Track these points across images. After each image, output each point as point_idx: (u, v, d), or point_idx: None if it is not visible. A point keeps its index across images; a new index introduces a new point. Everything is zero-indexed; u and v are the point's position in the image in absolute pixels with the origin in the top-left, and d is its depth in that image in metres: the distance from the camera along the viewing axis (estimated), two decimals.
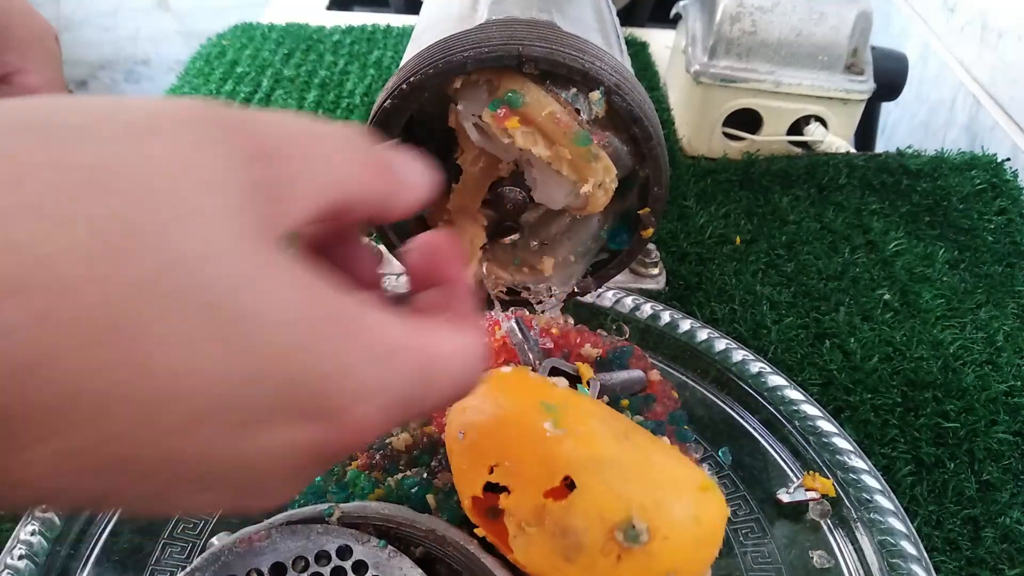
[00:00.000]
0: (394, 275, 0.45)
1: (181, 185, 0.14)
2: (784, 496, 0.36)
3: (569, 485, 0.27)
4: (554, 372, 0.39)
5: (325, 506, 0.31)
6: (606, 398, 0.38)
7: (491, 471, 0.28)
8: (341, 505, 0.31)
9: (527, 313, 0.39)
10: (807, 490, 0.37)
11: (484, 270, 0.35)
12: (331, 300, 0.16)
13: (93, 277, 0.13)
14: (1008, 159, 0.64)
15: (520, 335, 0.38)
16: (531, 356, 0.39)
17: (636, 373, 0.40)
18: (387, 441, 0.38)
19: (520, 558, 0.27)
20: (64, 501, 0.14)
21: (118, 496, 0.15)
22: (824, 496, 0.36)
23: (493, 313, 0.37)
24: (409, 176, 0.19)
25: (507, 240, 0.35)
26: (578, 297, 0.38)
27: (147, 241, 0.13)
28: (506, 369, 0.33)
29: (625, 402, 0.38)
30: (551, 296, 0.36)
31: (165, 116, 0.15)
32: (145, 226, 0.13)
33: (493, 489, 0.29)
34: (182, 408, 0.14)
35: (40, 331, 0.12)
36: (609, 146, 0.31)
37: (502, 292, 0.36)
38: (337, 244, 0.20)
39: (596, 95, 0.29)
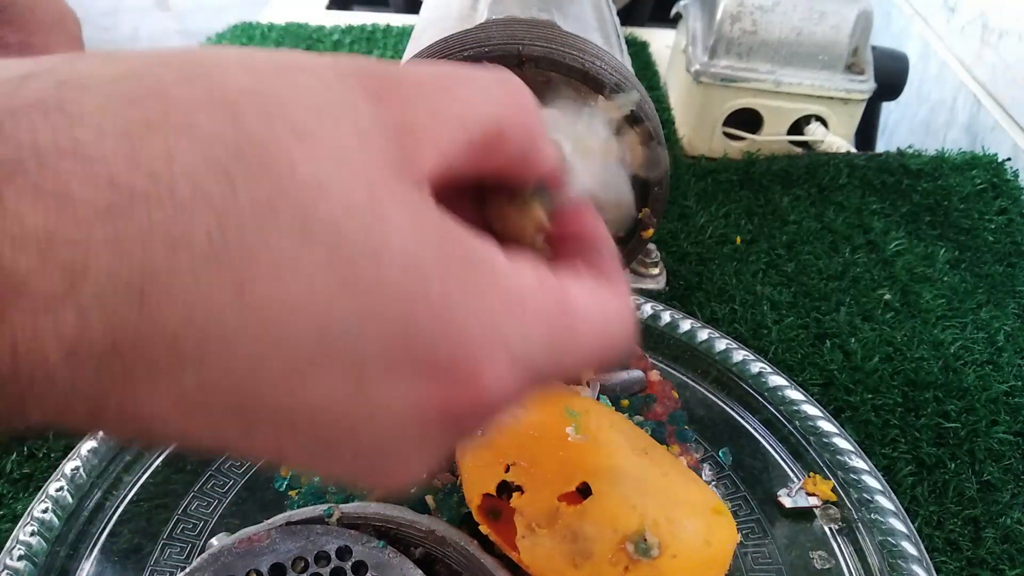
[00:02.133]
0: None
1: (315, 113, 0.13)
2: (786, 500, 0.36)
3: (583, 491, 0.27)
4: None
5: (324, 507, 0.31)
6: (605, 398, 0.38)
7: (507, 470, 0.28)
8: (341, 506, 0.31)
9: None
10: (808, 493, 0.37)
11: None
12: (464, 242, 0.14)
13: (209, 195, 0.12)
14: (1009, 159, 0.64)
15: None
16: None
17: (636, 373, 0.40)
18: None
19: (525, 559, 0.27)
20: (188, 444, 0.13)
21: (242, 446, 0.14)
22: (826, 501, 0.36)
23: None
24: (546, 135, 0.18)
25: None
26: None
27: (270, 163, 0.12)
28: None
29: (625, 402, 0.38)
30: None
31: (308, 61, 0.15)
32: (271, 149, 0.13)
33: (499, 491, 0.29)
34: (294, 347, 0.13)
35: (148, 249, 0.12)
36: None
37: None
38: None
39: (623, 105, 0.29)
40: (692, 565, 0.27)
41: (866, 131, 0.78)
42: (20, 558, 0.32)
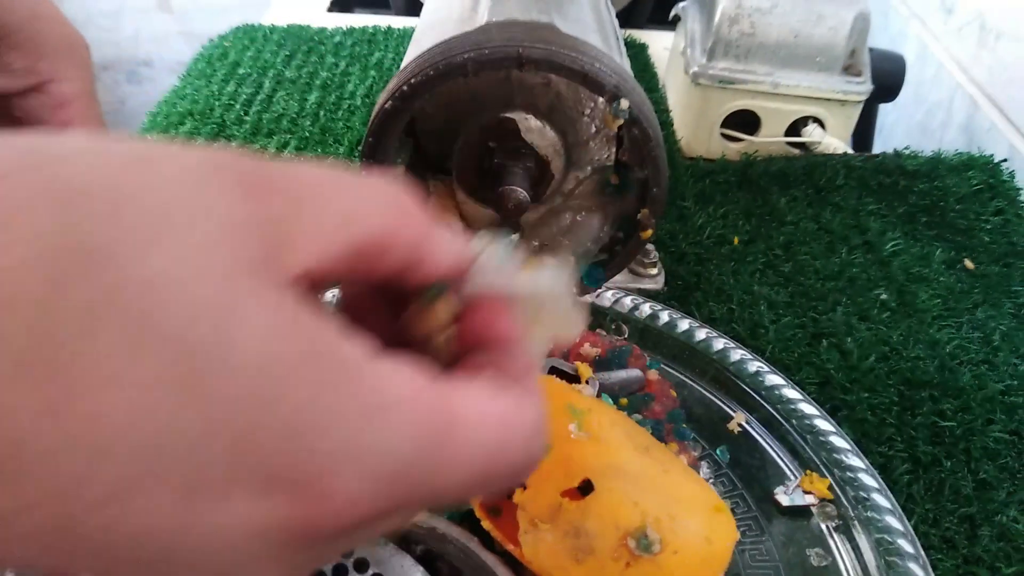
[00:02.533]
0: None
1: (166, 208, 0.12)
2: (783, 499, 0.37)
3: (585, 488, 0.28)
4: (553, 371, 0.39)
5: None
6: (607, 396, 0.39)
7: None
8: None
9: None
10: (805, 492, 0.37)
11: None
12: (328, 344, 0.13)
13: (29, 298, 0.11)
14: (1005, 160, 0.64)
15: None
16: None
17: (634, 372, 0.40)
18: None
19: (527, 554, 0.28)
20: (10, 564, 0.12)
21: (66, 572, 0.12)
22: (822, 499, 0.37)
23: None
24: (441, 235, 0.16)
25: None
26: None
27: (104, 264, 0.11)
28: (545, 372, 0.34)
29: (624, 401, 0.39)
30: None
31: (173, 150, 0.13)
32: (110, 244, 0.11)
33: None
34: (118, 467, 0.11)
35: None
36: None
37: None
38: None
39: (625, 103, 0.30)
40: (693, 562, 0.27)
41: (863, 132, 0.78)
42: None
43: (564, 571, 0.27)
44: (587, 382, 0.38)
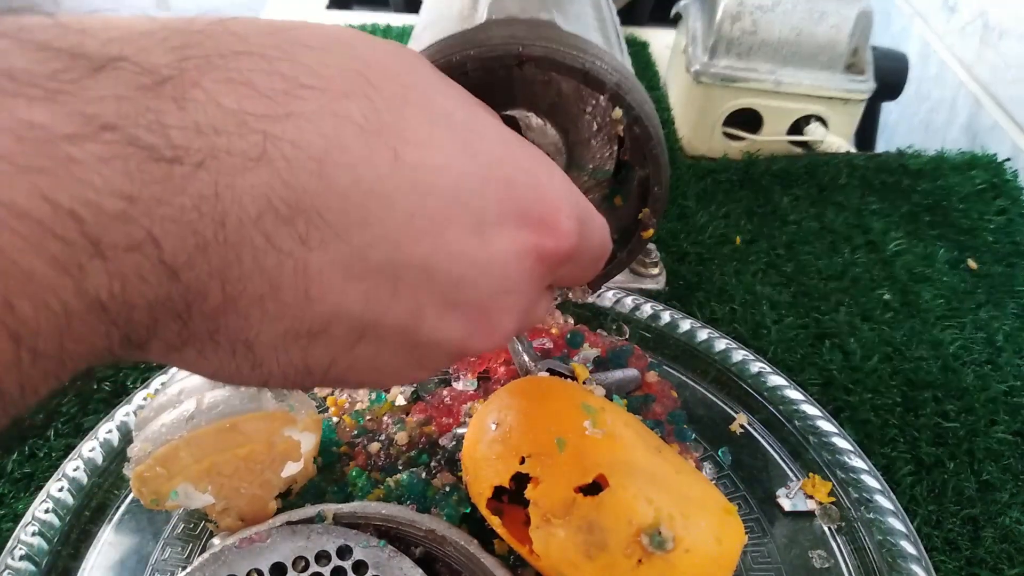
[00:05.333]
0: None
1: (430, 81, 0.18)
2: (785, 502, 0.36)
3: (598, 485, 0.28)
4: (550, 373, 0.39)
5: (318, 509, 0.31)
6: (618, 398, 0.38)
7: (522, 461, 0.28)
8: (341, 505, 0.31)
9: None
10: (807, 495, 0.37)
11: None
12: (531, 145, 0.20)
13: (356, 90, 0.16)
14: (1008, 159, 0.64)
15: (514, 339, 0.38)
16: (525, 358, 0.39)
17: (631, 372, 0.40)
18: (392, 437, 0.38)
19: (539, 550, 0.28)
20: (345, 322, 0.16)
21: (386, 311, 0.16)
22: (822, 504, 0.36)
23: None
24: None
25: None
26: (574, 302, 0.38)
27: (397, 75, 0.17)
28: (543, 373, 0.34)
29: (624, 402, 0.38)
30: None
31: (409, 55, 0.19)
32: (397, 68, 0.17)
33: (503, 492, 0.29)
34: (437, 203, 0.16)
35: (320, 124, 0.15)
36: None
37: None
38: None
39: (618, 112, 0.29)
40: (703, 561, 0.27)
41: (866, 131, 0.78)
42: (22, 558, 0.32)
43: (575, 567, 0.27)
44: (584, 383, 0.38)
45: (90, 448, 0.37)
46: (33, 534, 0.33)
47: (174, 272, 0.14)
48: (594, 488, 0.28)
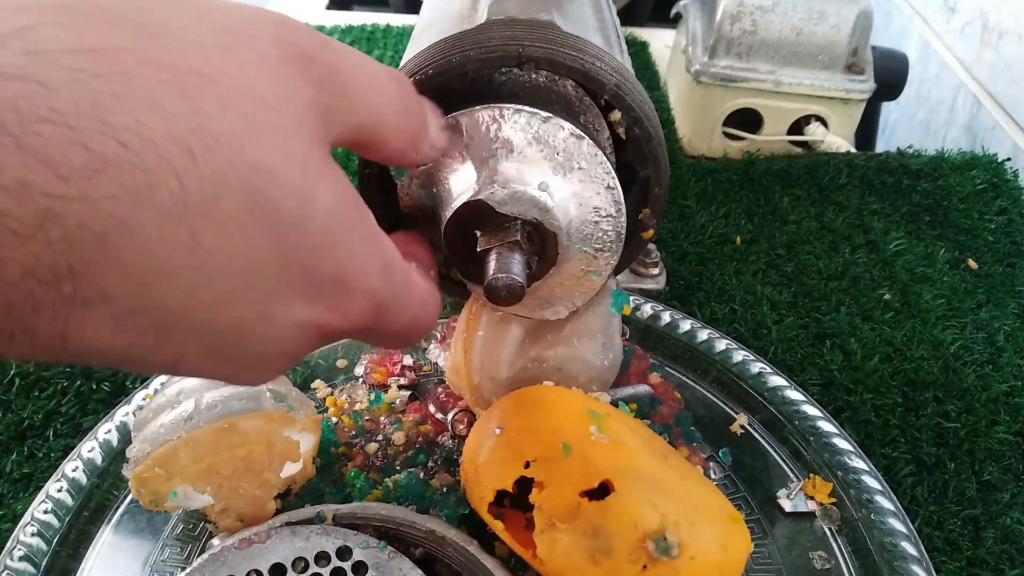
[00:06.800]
0: None
1: (261, 96, 0.16)
2: (786, 503, 0.36)
3: (602, 491, 0.28)
4: None
5: (317, 509, 0.31)
6: (624, 404, 0.38)
7: (526, 466, 0.28)
8: (340, 506, 0.31)
9: None
10: (807, 496, 0.37)
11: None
12: (363, 212, 0.19)
13: (172, 164, 0.14)
14: (1008, 159, 0.64)
15: None
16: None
17: (643, 388, 0.40)
18: (389, 438, 0.38)
19: (543, 554, 0.28)
20: (104, 356, 0.16)
21: (149, 356, 0.16)
22: (823, 505, 0.36)
23: None
24: (432, 131, 0.24)
25: None
26: None
27: (225, 144, 0.15)
28: (548, 383, 0.34)
29: (633, 406, 0.38)
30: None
31: (252, 28, 0.17)
32: (226, 130, 0.15)
33: (504, 497, 0.29)
34: (227, 283, 0.16)
35: (116, 204, 0.14)
36: None
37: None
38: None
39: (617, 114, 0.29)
40: (708, 568, 0.27)
41: (866, 131, 0.78)
42: (21, 559, 0.32)
43: (580, 572, 0.27)
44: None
45: (89, 448, 0.37)
46: (32, 534, 0.33)
47: None
48: (599, 493, 0.27)
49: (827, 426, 0.39)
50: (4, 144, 0.13)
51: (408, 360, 0.42)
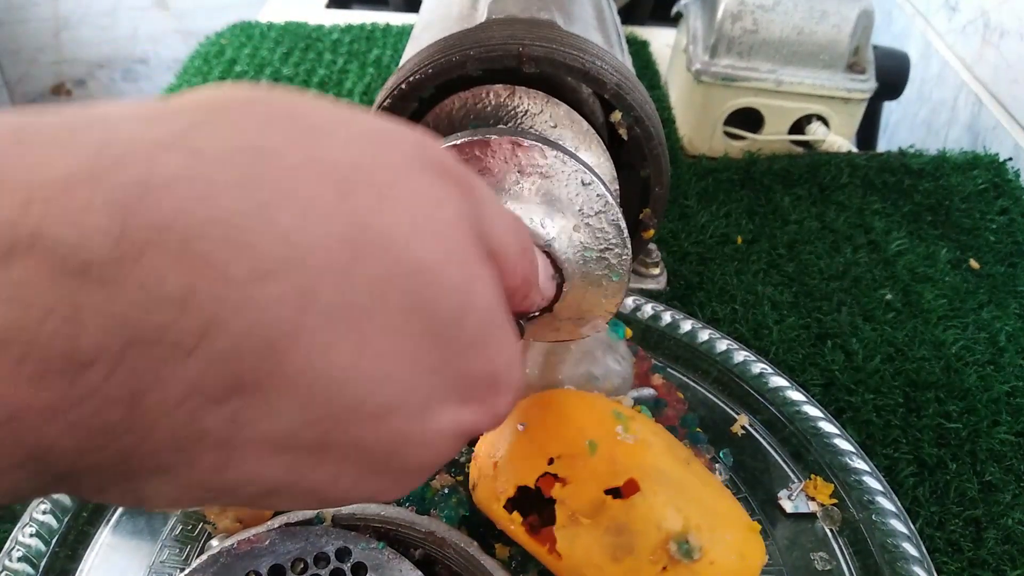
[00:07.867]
0: None
1: (417, 191, 0.16)
2: (787, 504, 0.36)
3: (628, 489, 0.28)
4: None
5: (316, 510, 0.31)
6: (646, 409, 0.38)
7: (550, 462, 0.28)
8: (340, 507, 0.31)
9: None
10: (809, 497, 0.37)
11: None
12: (505, 311, 0.19)
13: (335, 265, 0.14)
14: (1010, 159, 0.64)
15: None
16: None
17: (647, 391, 0.40)
18: None
19: (562, 549, 0.28)
20: (246, 491, 0.15)
21: (296, 482, 0.15)
22: (824, 506, 0.36)
23: None
24: (542, 278, 0.24)
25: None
26: None
27: (386, 245, 0.15)
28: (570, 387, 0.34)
29: (637, 408, 0.38)
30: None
31: (395, 134, 0.17)
32: (390, 224, 0.15)
33: (527, 494, 0.29)
34: (391, 391, 0.15)
35: (289, 309, 0.13)
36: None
37: None
38: None
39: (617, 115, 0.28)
40: (726, 575, 0.27)
41: (867, 130, 0.78)
42: (20, 559, 0.32)
43: (599, 569, 0.27)
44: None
45: None
46: (31, 535, 0.33)
47: (60, 476, 0.13)
48: (625, 491, 0.28)
49: (828, 427, 0.39)
50: (169, 250, 0.12)
51: None
